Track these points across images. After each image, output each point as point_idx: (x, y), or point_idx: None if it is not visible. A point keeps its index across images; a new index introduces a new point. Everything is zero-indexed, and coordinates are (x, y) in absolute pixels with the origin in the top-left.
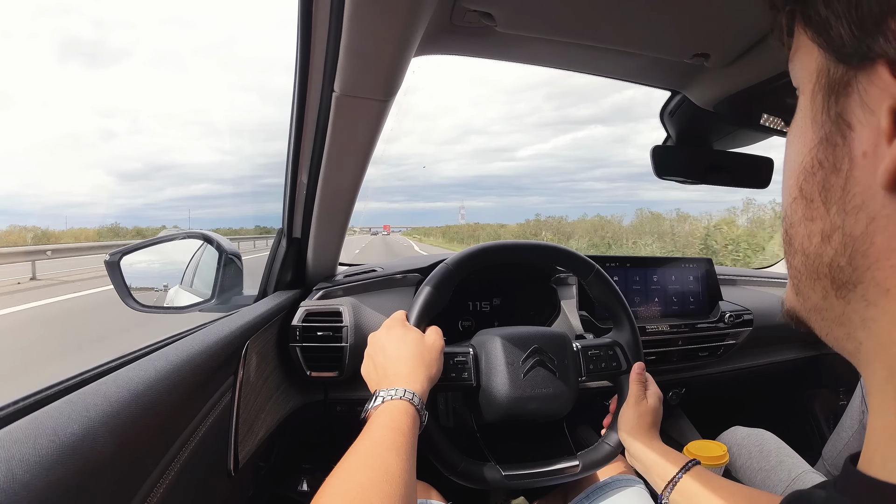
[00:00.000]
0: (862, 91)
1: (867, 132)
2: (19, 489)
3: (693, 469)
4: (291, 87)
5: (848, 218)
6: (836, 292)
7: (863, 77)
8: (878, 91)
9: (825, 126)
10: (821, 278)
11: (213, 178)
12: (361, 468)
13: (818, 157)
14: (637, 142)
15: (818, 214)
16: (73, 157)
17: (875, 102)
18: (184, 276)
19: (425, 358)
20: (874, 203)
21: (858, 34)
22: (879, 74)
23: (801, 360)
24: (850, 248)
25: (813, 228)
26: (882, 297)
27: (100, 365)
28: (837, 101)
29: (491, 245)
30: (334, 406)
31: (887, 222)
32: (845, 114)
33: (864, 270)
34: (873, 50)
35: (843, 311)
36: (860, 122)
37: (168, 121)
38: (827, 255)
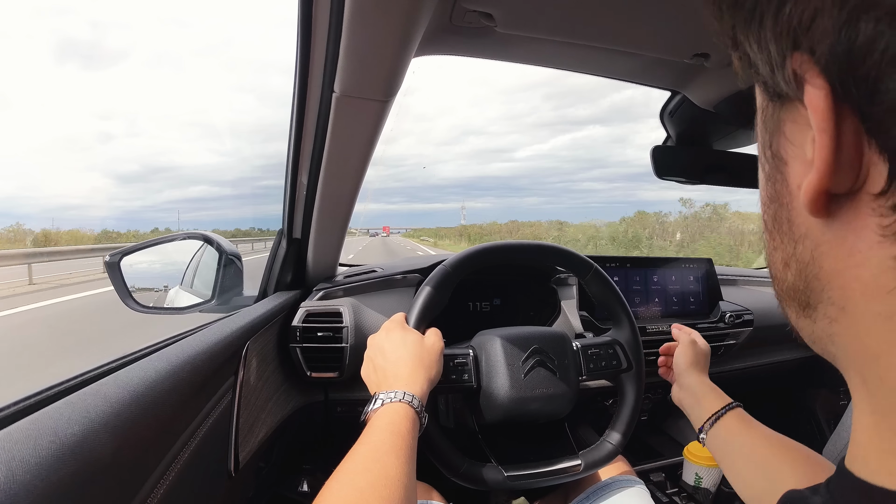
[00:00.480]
0: (787, 128)
1: (798, 165)
2: (19, 490)
3: (736, 409)
4: (291, 87)
5: (797, 246)
6: (803, 312)
7: (786, 114)
8: (799, 126)
9: (766, 165)
10: (790, 301)
11: (211, 179)
12: (360, 472)
13: (769, 193)
14: (636, 142)
15: (777, 244)
16: (71, 159)
17: (799, 138)
18: (184, 276)
19: (425, 360)
20: (815, 231)
21: (772, 74)
22: (798, 110)
23: (801, 360)
24: (804, 273)
25: (776, 257)
26: (840, 314)
27: (100, 365)
28: (772, 139)
29: (490, 245)
30: (335, 407)
31: (828, 248)
32: (779, 150)
33: (819, 292)
34: (784, 89)
35: (812, 329)
36: (792, 157)
37: (166, 122)
38: (789, 281)
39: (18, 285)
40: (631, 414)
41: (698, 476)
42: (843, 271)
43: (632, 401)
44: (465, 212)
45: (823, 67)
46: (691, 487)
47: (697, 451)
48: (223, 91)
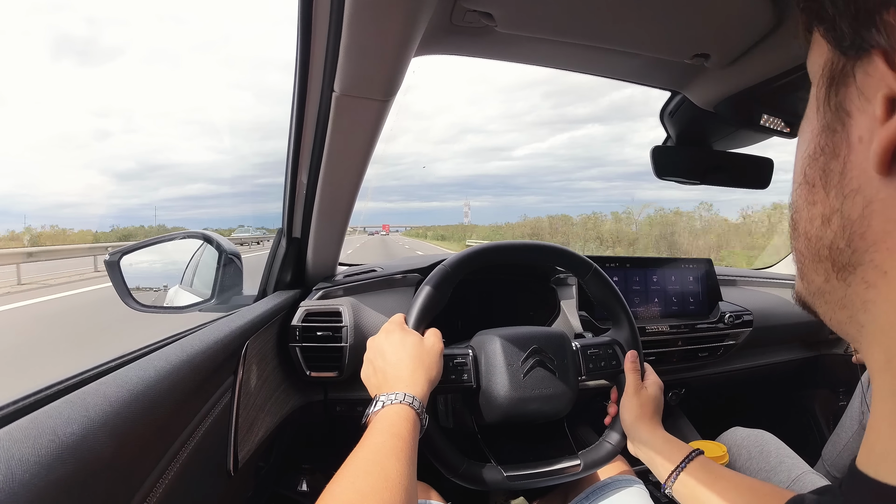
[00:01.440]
0: (859, 81)
1: (864, 119)
2: (19, 489)
3: (697, 459)
4: (290, 86)
5: (846, 201)
6: (837, 274)
7: (860, 68)
8: (873, 80)
9: (826, 115)
10: (822, 261)
11: (209, 177)
12: (362, 475)
13: (820, 144)
14: (634, 141)
15: (819, 198)
16: (68, 157)
17: (871, 91)
18: (183, 275)
19: (425, 361)
20: (870, 187)
21: (856, 27)
22: (875, 64)
23: (801, 360)
24: (848, 230)
25: (814, 212)
26: (880, 279)
27: (99, 365)
28: (838, 92)
29: (489, 245)
30: (334, 406)
31: (882, 206)
32: (844, 102)
33: (862, 252)
34: (868, 41)
35: (845, 293)
36: (858, 110)
37: (163, 120)
38: (827, 238)
39: (7, 285)
40: None
41: None
42: (894, 232)
43: None
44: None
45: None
46: None
47: None
48: (221, 88)
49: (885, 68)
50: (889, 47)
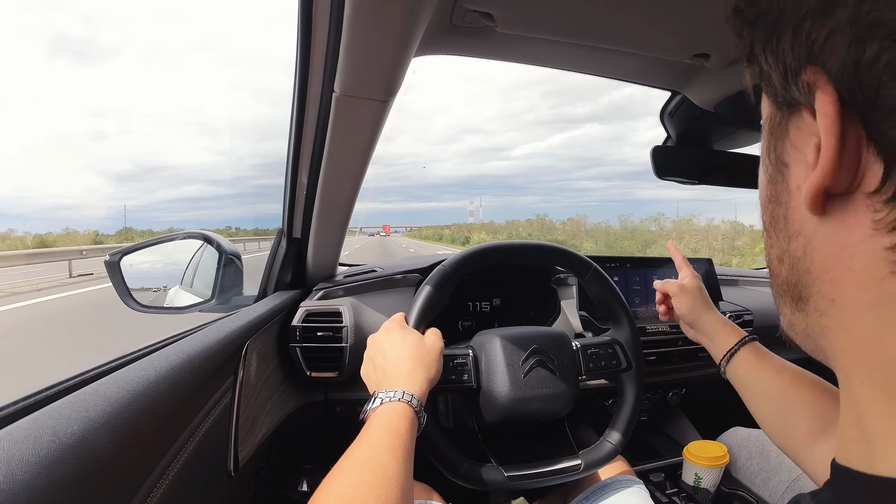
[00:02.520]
0: (792, 135)
1: (799, 168)
2: (19, 489)
3: (749, 343)
4: (289, 86)
5: (791, 242)
6: (797, 306)
7: (792, 122)
8: (803, 133)
9: (769, 168)
10: (784, 295)
11: (206, 179)
12: (358, 470)
13: (768, 193)
14: (633, 140)
15: (773, 241)
16: (64, 158)
17: (802, 143)
18: (184, 276)
19: (424, 359)
20: (808, 228)
21: (785, 84)
22: (804, 118)
23: (801, 360)
24: (795, 267)
25: (772, 253)
26: (830, 306)
27: (100, 365)
28: (776, 145)
29: (489, 245)
30: (334, 406)
31: (820, 243)
32: (782, 155)
33: (810, 285)
34: (795, 98)
35: (806, 323)
36: (794, 161)
37: (160, 120)
38: (783, 275)
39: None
40: (631, 414)
41: (698, 476)
42: (835, 264)
43: (631, 400)
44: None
45: (833, 78)
46: (691, 488)
47: (697, 452)
48: (218, 88)
49: (812, 121)
50: (809, 104)
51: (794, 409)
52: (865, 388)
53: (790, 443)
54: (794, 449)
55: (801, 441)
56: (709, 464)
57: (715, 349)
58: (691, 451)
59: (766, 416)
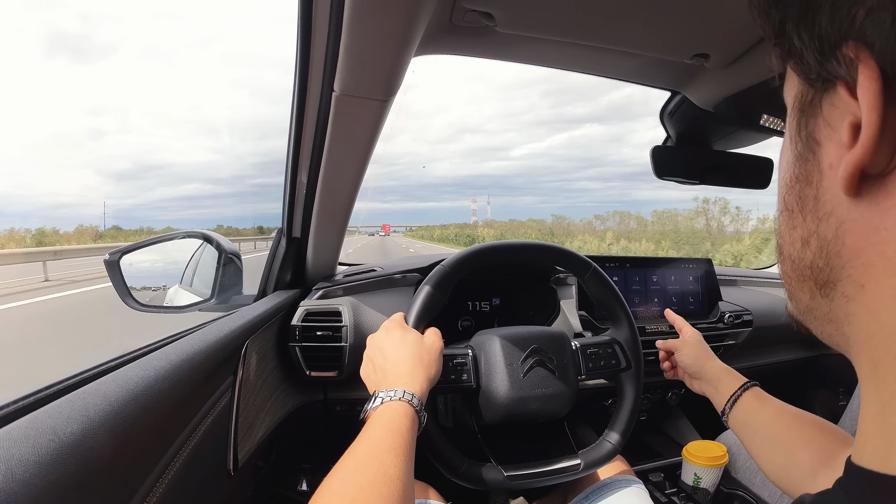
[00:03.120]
0: (826, 112)
1: (832, 147)
2: (19, 488)
3: (752, 388)
4: (288, 84)
5: (821, 224)
6: (821, 291)
7: (826, 99)
8: (838, 111)
9: (799, 145)
10: (806, 280)
11: (205, 177)
12: (359, 469)
13: (795, 173)
14: (633, 141)
15: (798, 223)
16: (63, 156)
17: (837, 121)
18: (183, 275)
19: (424, 359)
20: (841, 209)
21: (821, 60)
22: (839, 95)
23: (801, 360)
24: (825, 250)
25: (795, 236)
26: (859, 292)
27: (99, 364)
28: (808, 123)
29: (488, 245)
30: (334, 406)
31: (853, 225)
32: (814, 132)
33: (839, 269)
34: (832, 73)
35: (829, 308)
36: (826, 139)
37: (158, 119)
38: (808, 259)
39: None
40: (630, 413)
41: (697, 476)
42: (867, 248)
43: (631, 400)
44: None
45: (877, 54)
46: (690, 487)
47: (696, 451)
48: (216, 86)
49: (848, 98)
50: (850, 78)
51: (797, 446)
52: (890, 380)
53: (792, 481)
54: (795, 486)
55: (803, 476)
56: (708, 464)
57: (718, 397)
58: (691, 450)
59: (769, 457)
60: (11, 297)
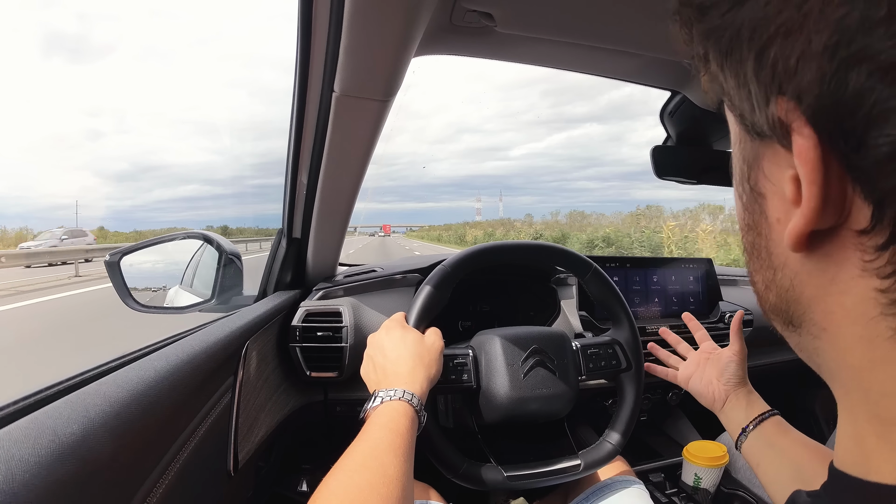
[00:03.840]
0: (766, 165)
1: (777, 200)
2: (19, 489)
3: (775, 416)
4: (287, 84)
5: (777, 273)
6: (788, 327)
7: (764, 151)
8: (777, 166)
9: (745, 196)
10: (774, 317)
11: (203, 178)
12: (359, 469)
13: (746, 221)
14: (632, 140)
15: (757, 268)
16: (61, 158)
17: (777, 176)
18: (183, 276)
19: (425, 359)
20: (793, 262)
21: (752, 111)
22: (777, 150)
23: (801, 360)
24: (784, 296)
25: (758, 279)
26: (822, 333)
27: (100, 365)
28: (749, 174)
29: (489, 245)
30: (334, 406)
31: (808, 277)
32: (757, 185)
33: (801, 314)
34: (764, 131)
35: (798, 341)
36: (770, 192)
37: (155, 119)
38: (771, 300)
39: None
40: (630, 414)
41: (697, 476)
42: (825, 297)
43: (631, 401)
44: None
45: (811, 117)
46: (690, 488)
47: (697, 452)
48: (215, 86)
49: (786, 153)
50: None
51: (816, 477)
52: (861, 408)
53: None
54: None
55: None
56: (708, 464)
57: (739, 420)
58: (691, 451)
59: (788, 485)
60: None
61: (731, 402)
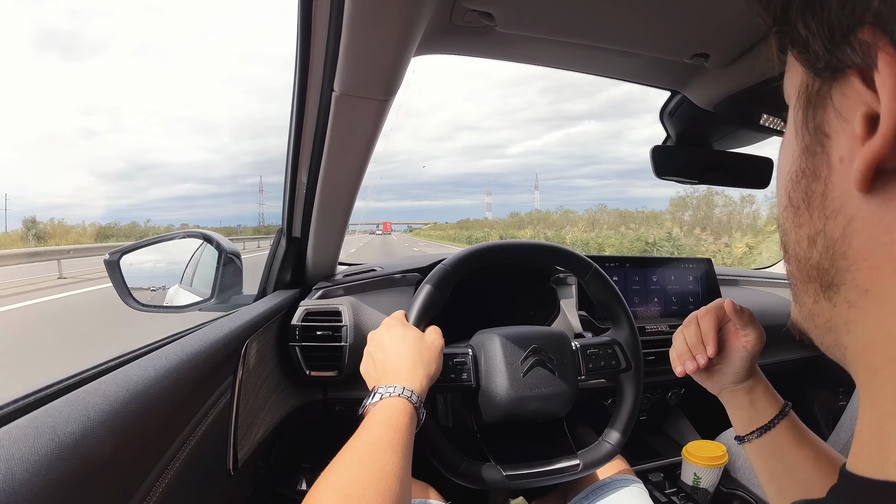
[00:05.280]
0: (836, 102)
1: (843, 139)
2: (18, 488)
3: (790, 414)
4: (284, 81)
5: (828, 222)
6: (825, 294)
7: (836, 88)
8: (850, 101)
9: (806, 138)
10: (811, 281)
11: (199, 177)
12: (357, 465)
13: (801, 167)
14: (630, 138)
15: (804, 220)
16: (56, 157)
17: (848, 111)
18: (183, 275)
19: (425, 356)
20: (850, 206)
21: (830, 48)
22: (851, 84)
23: (801, 360)
24: (831, 250)
25: (801, 234)
26: (862, 297)
27: (99, 364)
28: (815, 114)
29: (489, 245)
30: (334, 405)
31: (863, 224)
32: (823, 125)
33: (844, 272)
34: (843, 61)
35: (830, 315)
36: (836, 131)
37: (150, 117)
38: (814, 259)
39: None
40: (630, 414)
41: (697, 476)
42: (875, 249)
43: (631, 401)
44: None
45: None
46: (690, 487)
47: (696, 451)
48: (210, 84)
49: (861, 87)
50: (865, 66)
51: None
52: (889, 387)
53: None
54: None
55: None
56: (708, 463)
57: (750, 417)
58: (690, 450)
59: (791, 492)
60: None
61: (729, 398)
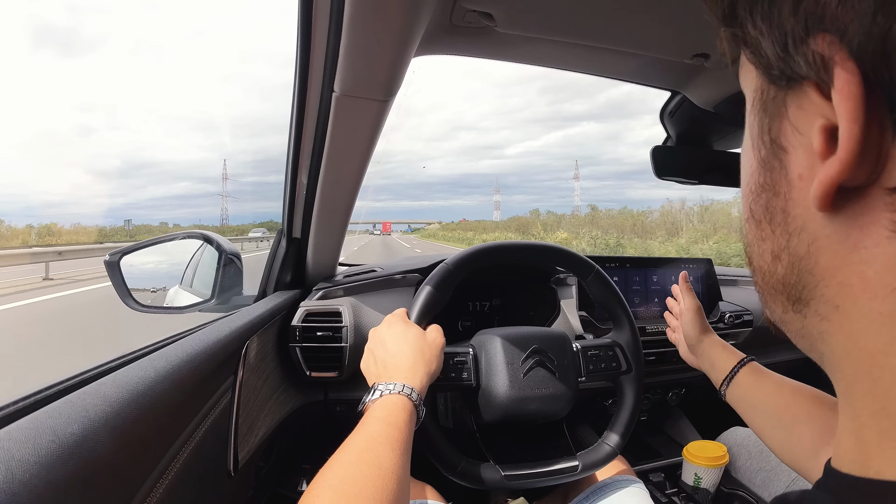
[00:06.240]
0: (792, 115)
1: (801, 154)
2: (19, 489)
3: (747, 365)
4: (283, 80)
5: (791, 239)
6: (793, 307)
7: (792, 99)
8: (807, 113)
9: (762, 150)
10: (778, 294)
11: (195, 176)
12: (355, 461)
13: (759, 181)
14: (629, 139)
15: (767, 235)
16: (52, 154)
17: (805, 125)
18: (183, 276)
19: (425, 354)
20: (813, 224)
21: (784, 56)
22: (808, 95)
23: (801, 360)
24: (797, 266)
25: (764, 248)
26: (833, 313)
27: (100, 365)
28: (771, 125)
29: (490, 245)
30: (334, 406)
31: (828, 242)
32: (779, 137)
33: (812, 288)
34: (798, 73)
35: (802, 325)
36: (793, 146)
37: (148, 115)
38: (779, 273)
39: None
40: (630, 416)
41: (697, 476)
42: (843, 267)
43: (631, 403)
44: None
45: (854, 51)
46: (690, 487)
47: (697, 452)
48: (208, 82)
49: (819, 99)
50: (820, 80)
51: (797, 422)
52: (867, 401)
53: (795, 457)
54: (799, 462)
55: (806, 453)
56: (708, 464)
57: (715, 373)
58: (691, 450)
59: (771, 433)
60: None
61: (700, 358)
